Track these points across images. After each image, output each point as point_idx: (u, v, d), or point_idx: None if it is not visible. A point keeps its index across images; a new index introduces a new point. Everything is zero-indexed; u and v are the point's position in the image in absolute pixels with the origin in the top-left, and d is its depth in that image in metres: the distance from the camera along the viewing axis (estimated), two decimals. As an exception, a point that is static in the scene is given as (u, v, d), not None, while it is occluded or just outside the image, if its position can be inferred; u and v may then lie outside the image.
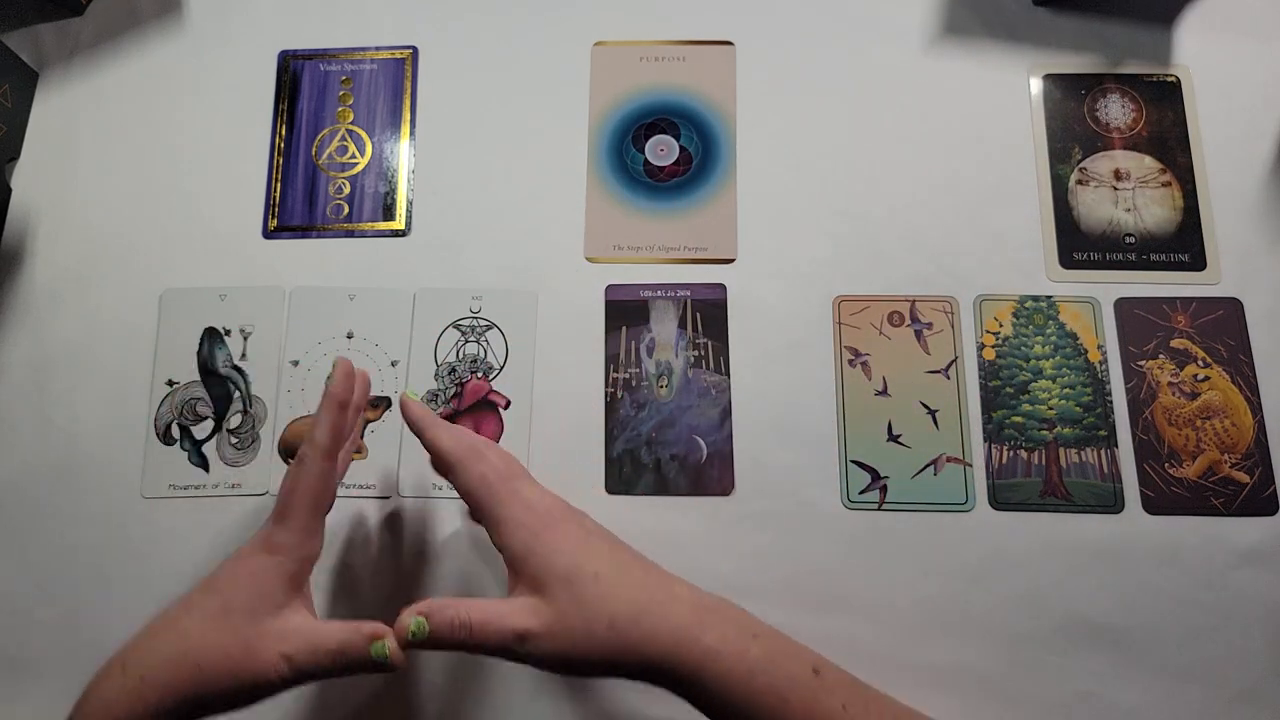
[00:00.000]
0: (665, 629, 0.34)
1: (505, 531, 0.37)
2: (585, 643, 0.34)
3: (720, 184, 0.54)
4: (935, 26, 0.57)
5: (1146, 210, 0.53)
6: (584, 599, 0.35)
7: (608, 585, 0.35)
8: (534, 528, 0.37)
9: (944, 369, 0.50)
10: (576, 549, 0.36)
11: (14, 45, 0.56)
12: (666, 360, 0.51)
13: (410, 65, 0.57)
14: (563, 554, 0.36)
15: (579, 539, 0.37)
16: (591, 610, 0.34)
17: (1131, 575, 0.47)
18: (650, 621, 0.34)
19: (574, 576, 0.35)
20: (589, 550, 0.37)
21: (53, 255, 0.54)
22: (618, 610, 0.34)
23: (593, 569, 0.35)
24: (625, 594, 0.35)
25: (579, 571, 0.35)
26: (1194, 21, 0.56)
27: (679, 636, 0.34)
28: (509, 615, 0.35)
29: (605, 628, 0.34)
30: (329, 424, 0.39)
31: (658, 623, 0.34)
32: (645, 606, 0.35)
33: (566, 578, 0.35)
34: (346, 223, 0.55)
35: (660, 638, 0.34)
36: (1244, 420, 0.49)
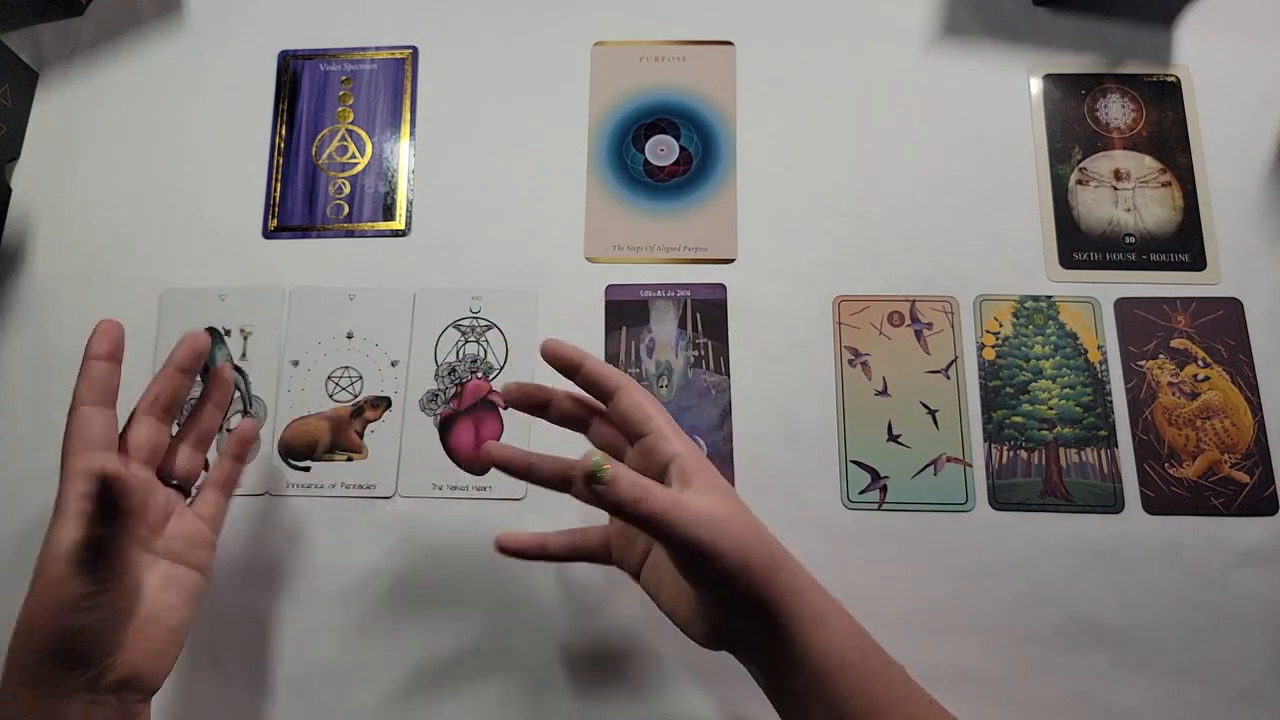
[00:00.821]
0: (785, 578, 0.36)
1: (679, 441, 0.38)
2: (758, 546, 0.36)
3: (720, 184, 0.54)
4: (935, 26, 0.57)
5: (1146, 210, 0.53)
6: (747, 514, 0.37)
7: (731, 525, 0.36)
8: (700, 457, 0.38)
9: (944, 369, 0.50)
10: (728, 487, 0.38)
11: (14, 45, 0.56)
12: (666, 360, 0.51)
13: (410, 65, 0.57)
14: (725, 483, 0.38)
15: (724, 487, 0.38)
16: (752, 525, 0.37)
17: (1131, 575, 0.47)
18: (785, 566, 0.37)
19: (736, 496, 0.38)
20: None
21: (53, 255, 0.54)
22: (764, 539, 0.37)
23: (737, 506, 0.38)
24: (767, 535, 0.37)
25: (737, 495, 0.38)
26: (1194, 21, 0.56)
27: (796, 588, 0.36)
28: (687, 498, 0.36)
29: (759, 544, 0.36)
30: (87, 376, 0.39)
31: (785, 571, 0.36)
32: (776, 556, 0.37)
33: (733, 493, 0.38)
34: (346, 223, 0.55)
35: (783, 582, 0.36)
36: (1244, 420, 0.49)
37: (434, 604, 0.48)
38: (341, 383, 0.52)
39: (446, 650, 0.47)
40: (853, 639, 0.36)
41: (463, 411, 0.51)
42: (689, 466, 0.37)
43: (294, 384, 0.52)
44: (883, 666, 0.36)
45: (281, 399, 0.51)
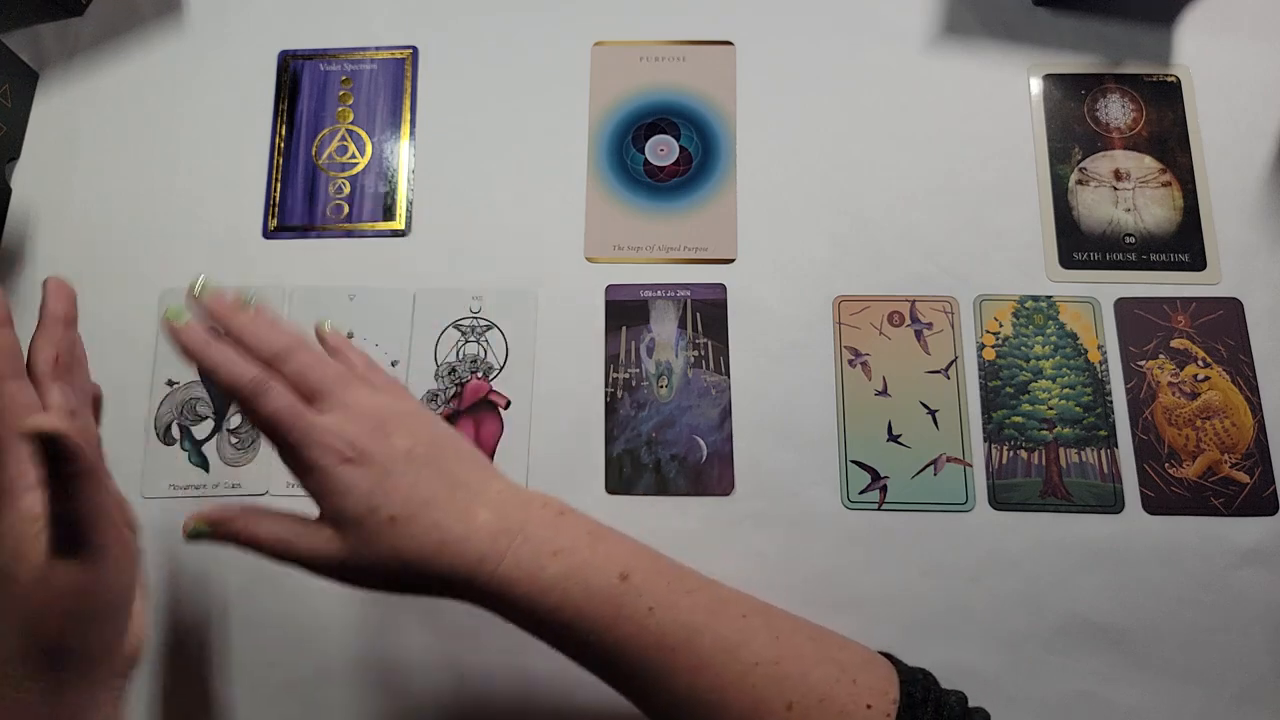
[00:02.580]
0: (460, 564, 0.34)
1: (296, 473, 0.35)
2: (386, 572, 0.35)
3: (720, 184, 0.54)
4: (935, 26, 0.57)
5: (1146, 210, 0.53)
6: (376, 542, 0.34)
7: (402, 527, 0.34)
8: (326, 467, 0.34)
9: (944, 369, 0.50)
10: (372, 490, 0.34)
11: (14, 45, 0.56)
12: (666, 360, 0.51)
13: (410, 65, 0.57)
14: (355, 497, 0.34)
15: (378, 476, 0.35)
16: (384, 552, 0.34)
17: (1131, 575, 0.47)
18: (446, 559, 0.34)
19: (366, 520, 0.34)
20: (387, 488, 0.35)
21: (53, 255, 0.54)
22: (411, 551, 0.34)
23: (387, 512, 0.34)
24: (421, 535, 0.34)
25: (372, 516, 0.34)
26: (1194, 21, 0.56)
27: (474, 570, 0.34)
28: (301, 539, 0.35)
29: (398, 567, 0.34)
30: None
31: (453, 559, 0.34)
32: (441, 545, 0.34)
33: (358, 521, 0.34)
34: (346, 223, 0.55)
35: (455, 571, 0.34)
36: (1244, 420, 0.49)
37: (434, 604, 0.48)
38: (341, 383, 0.52)
39: (447, 650, 0.47)
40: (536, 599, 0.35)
41: (463, 411, 0.51)
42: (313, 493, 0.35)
43: (294, 384, 0.52)
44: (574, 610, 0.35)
45: (281, 399, 0.51)
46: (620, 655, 0.35)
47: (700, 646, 0.34)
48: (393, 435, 0.36)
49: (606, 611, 0.35)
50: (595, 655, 0.35)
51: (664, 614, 0.35)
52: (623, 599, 0.35)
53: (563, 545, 0.36)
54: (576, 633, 0.35)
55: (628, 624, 0.34)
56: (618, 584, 0.35)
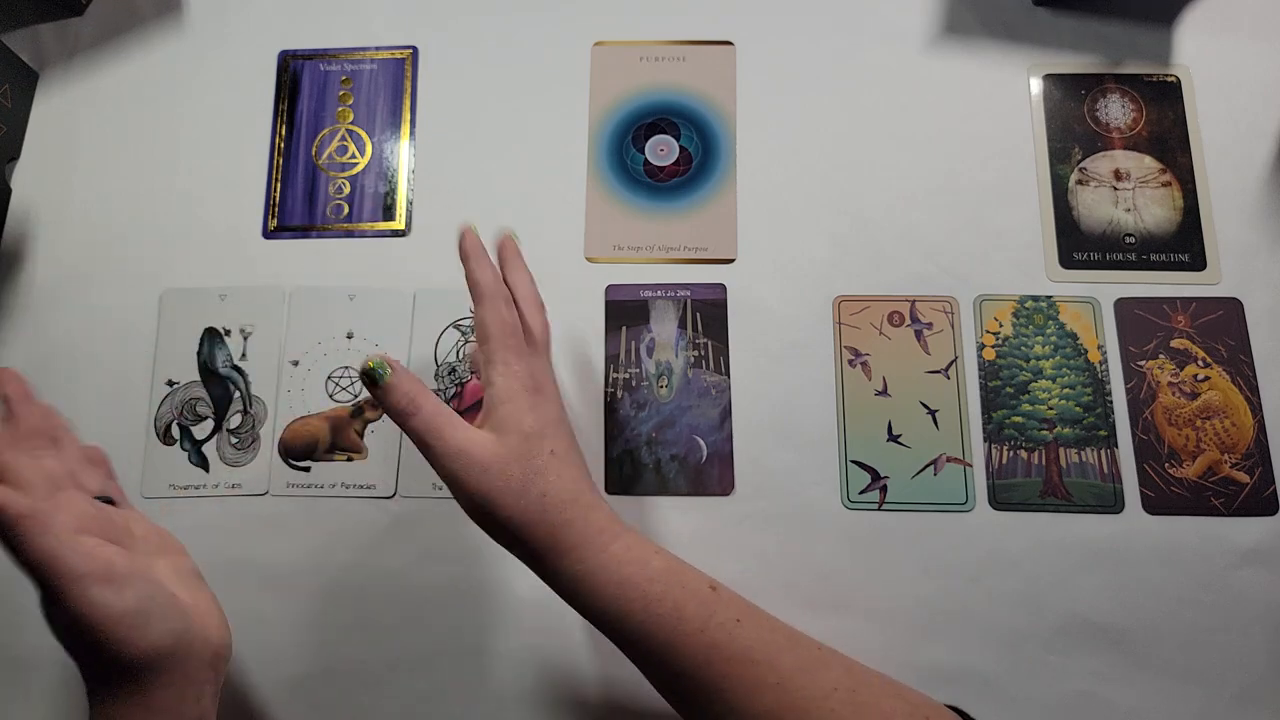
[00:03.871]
0: (583, 525, 0.37)
1: (497, 371, 0.38)
2: (513, 498, 0.36)
3: (720, 184, 0.54)
4: (935, 26, 0.57)
5: (1146, 210, 0.53)
6: (533, 461, 0.37)
7: (558, 462, 0.37)
8: (524, 381, 0.38)
9: (944, 369, 0.50)
10: (547, 421, 0.38)
11: (14, 45, 0.56)
12: (666, 360, 0.51)
13: (410, 65, 0.57)
14: (536, 417, 0.37)
15: (554, 417, 0.39)
16: (535, 472, 0.36)
17: (1131, 575, 0.47)
18: (576, 511, 0.37)
19: (534, 439, 0.37)
20: (558, 428, 0.38)
21: (53, 255, 0.54)
22: (555, 488, 0.37)
23: (552, 444, 0.37)
24: (569, 478, 0.37)
25: (541, 439, 0.37)
26: (1194, 21, 0.56)
27: (593, 536, 0.37)
28: (461, 428, 0.37)
29: (537, 495, 0.36)
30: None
31: (580, 515, 0.37)
32: (577, 498, 0.37)
33: (528, 436, 0.37)
34: (346, 223, 0.55)
35: (575, 530, 0.36)
36: (1244, 420, 0.49)
37: (434, 604, 0.48)
38: (341, 383, 0.52)
39: (446, 650, 0.47)
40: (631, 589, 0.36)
41: (463, 411, 0.51)
42: (495, 398, 0.38)
43: (294, 384, 0.52)
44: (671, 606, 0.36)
45: (281, 399, 0.51)
46: (707, 663, 0.35)
47: (782, 665, 0.35)
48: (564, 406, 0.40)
49: (700, 614, 0.36)
50: (682, 662, 0.35)
51: (750, 628, 0.36)
52: (715, 606, 0.36)
53: (662, 549, 0.38)
54: (670, 630, 0.35)
55: (718, 631, 0.35)
56: (709, 592, 0.37)
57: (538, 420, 0.37)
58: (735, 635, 0.35)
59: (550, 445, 0.37)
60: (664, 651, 0.35)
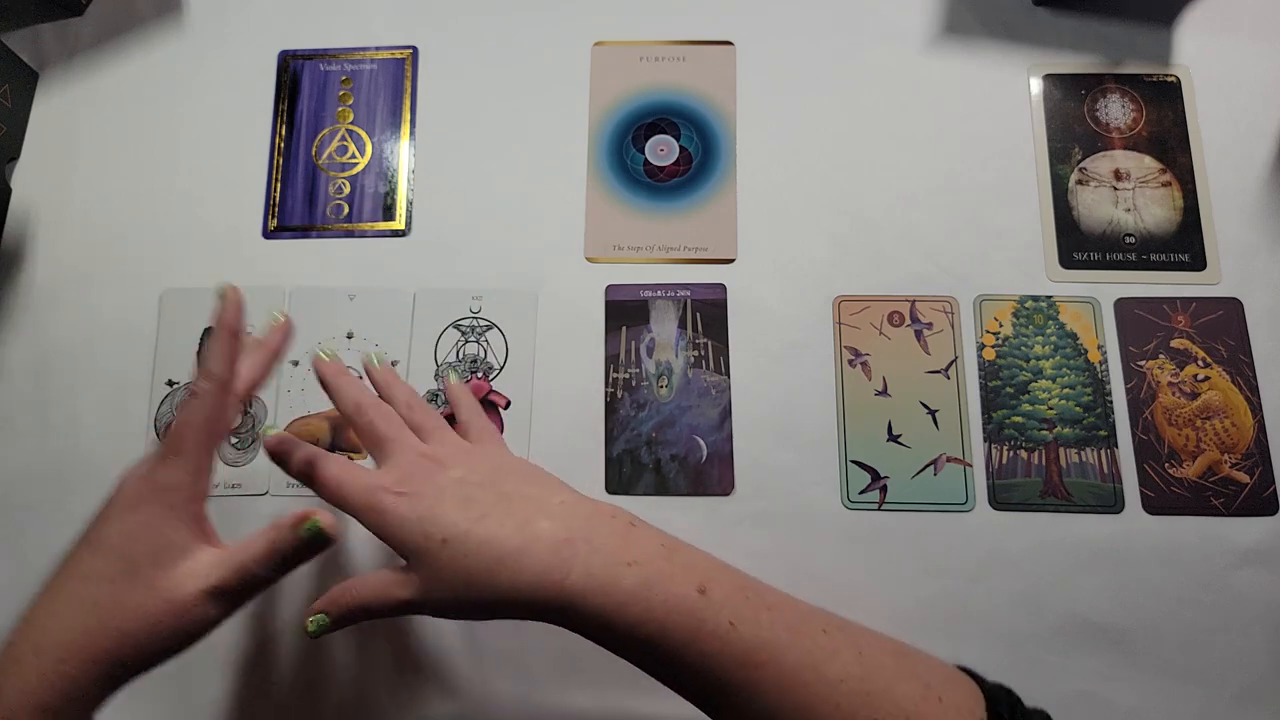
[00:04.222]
0: (524, 579, 0.34)
1: (361, 522, 0.37)
2: (458, 598, 0.35)
3: (720, 184, 0.54)
4: (935, 26, 0.57)
5: (1146, 210, 0.53)
6: (438, 566, 0.35)
7: (456, 546, 0.35)
8: (380, 506, 0.36)
9: (944, 369, 0.50)
10: (423, 517, 0.35)
11: (14, 45, 0.56)
12: (666, 360, 0.51)
13: (410, 65, 0.57)
14: (408, 527, 0.35)
15: (427, 504, 0.36)
16: (447, 575, 0.35)
17: (1131, 575, 0.47)
18: (507, 574, 0.34)
19: (422, 547, 0.35)
20: (436, 513, 0.36)
21: (53, 255, 0.54)
22: (471, 568, 0.34)
23: (439, 535, 0.35)
24: (475, 551, 0.35)
25: (427, 541, 0.35)
26: (1194, 21, 0.56)
27: (539, 582, 0.34)
28: (392, 587, 0.36)
29: (464, 586, 0.35)
30: (223, 353, 0.38)
31: (515, 574, 0.34)
32: (499, 558, 0.34)
33: (416, 550, 0.35)
34: (346, 223, 0.55)
35: (520, 587, 0.34)
36: (1244, 420, 0.49)
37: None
38: (341, 383, 0.52)
39: (447, 650, 0.47)
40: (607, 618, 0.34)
41: (463, 411, 0.51)
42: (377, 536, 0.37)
43: (294, 384, 0.52)
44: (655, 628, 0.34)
45: (281, 399, 0.51)
46: (704, 672, 0.34)
47: (784, 663, 0.34)
48: (448, 468, 0.38)
49: (688, 625, 0.34)
50: (679, 672, 0.34)
51: (746, 629, 0.34)
52: (703, 613, 0.34)
53: (637, 556, 0.35)
54: (660, 649, 0.34)
55: (710, 639, 0.34)
56: (697, 598, 0.34)
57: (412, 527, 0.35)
58: (730, 641, 0.34)
59: (439, 536, 0.35)
60: (659, 668, 0.35)
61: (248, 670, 0.47)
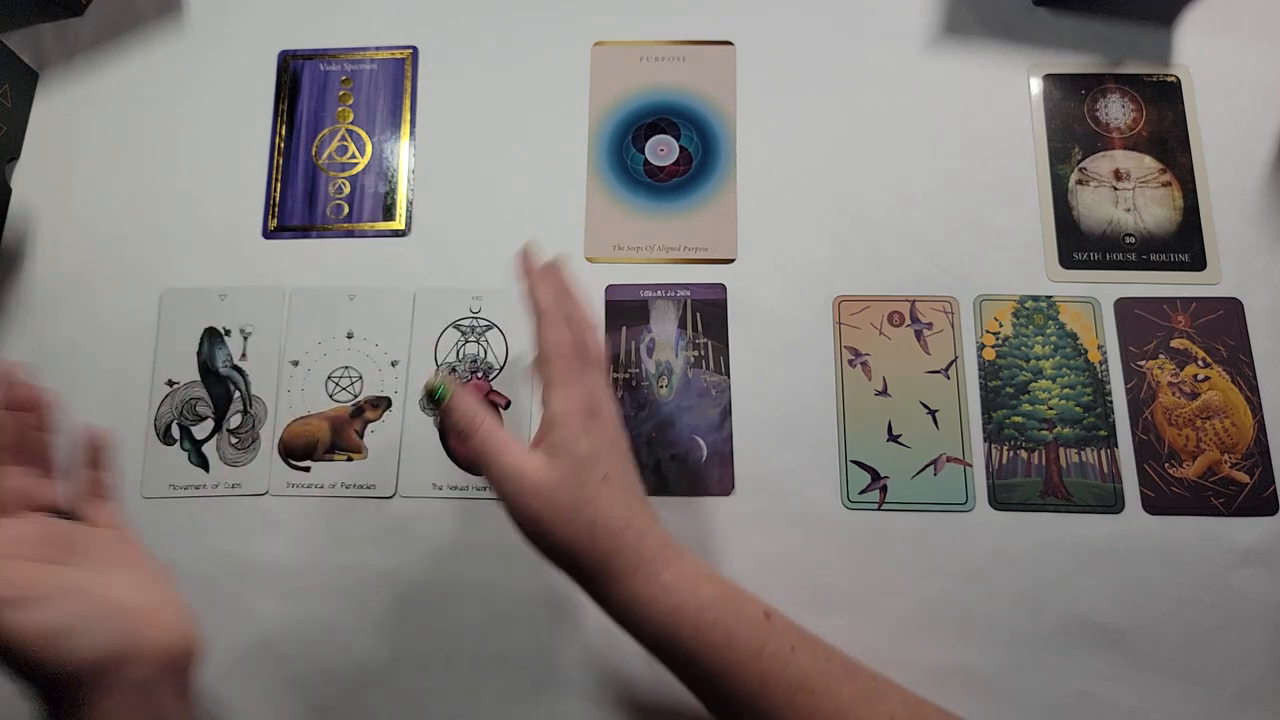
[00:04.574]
0: (634, 552, 0.36)
1: (555, 394, 0.38)
2: (564, 522, 0.36)
3: (720, 184, 0.54)
4: (935, 26, 0.57)
5: (1146, 210, 0.53)
6: (585, 486, 0.36)
7: (610, 488, 0.37)
8: (581, 404, 0.38)
9: (944, 369, 0.50)
10: (602, 446, 0.38)
11: (14, 45, 0.56)
12: (666, 360, 0.51)
13: (410, 65, 0.57)
14: (590, 441, 0.37)
15: (608, 441, 0.38)
16: (586, 499, 0.36)
17: (1131, 575, 0.47)
18: (627, 538, 0.36)
19: (587, 464, 0.37)
20: (612, 453, 0.38)
21: (53, 255, 0.54)
22: (605, 514, 0.36)
23: (605, 469, 0.37)
24: (619, 504, 0.37)
25: (594, 464, 0.37)
26: (1194, 21, 0.56)
27: (643, 563, 0.36)
28: (516, 450, 0.37)
29: (587, 522, 0.36)
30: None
31: (632, 543, 0.36)
32: (628, 523, 0.37)
33: (581, 461, 0.37)
34: (346, 223, 0.55)
35: (626, 557, 0.36)
36: (1244, 420, 0.49)
37: (434, 604, 0.48)
38: (341, 383, 0.52)
39: (446, 650, 0.47)
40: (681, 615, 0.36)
41: (463, 411, 0.51)
42: (552, 421, 0.38)
43: (294, 384, 0.52)
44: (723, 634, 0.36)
45: (281, 399, 0.51)
46: (762, 693, 0.35)
47: (839, 695, 0.35)
48: (622, 433, 0.40)
49: (754, 642, 0.35)
50: (732, 688, 0.35)
51: (805, 656, 0.36)
52: (769, 634, 0.36)
53: (715, 575, 0.38)
54: (723, 659, 0.35)
55: (773, 659, 0.35)
56: (764, 620, 0.37)
57: (592, 445, 0.37)
58: (790, 664, 0.35)
59: (604, 470, 0.37)
60: (716, 678, 0.35)
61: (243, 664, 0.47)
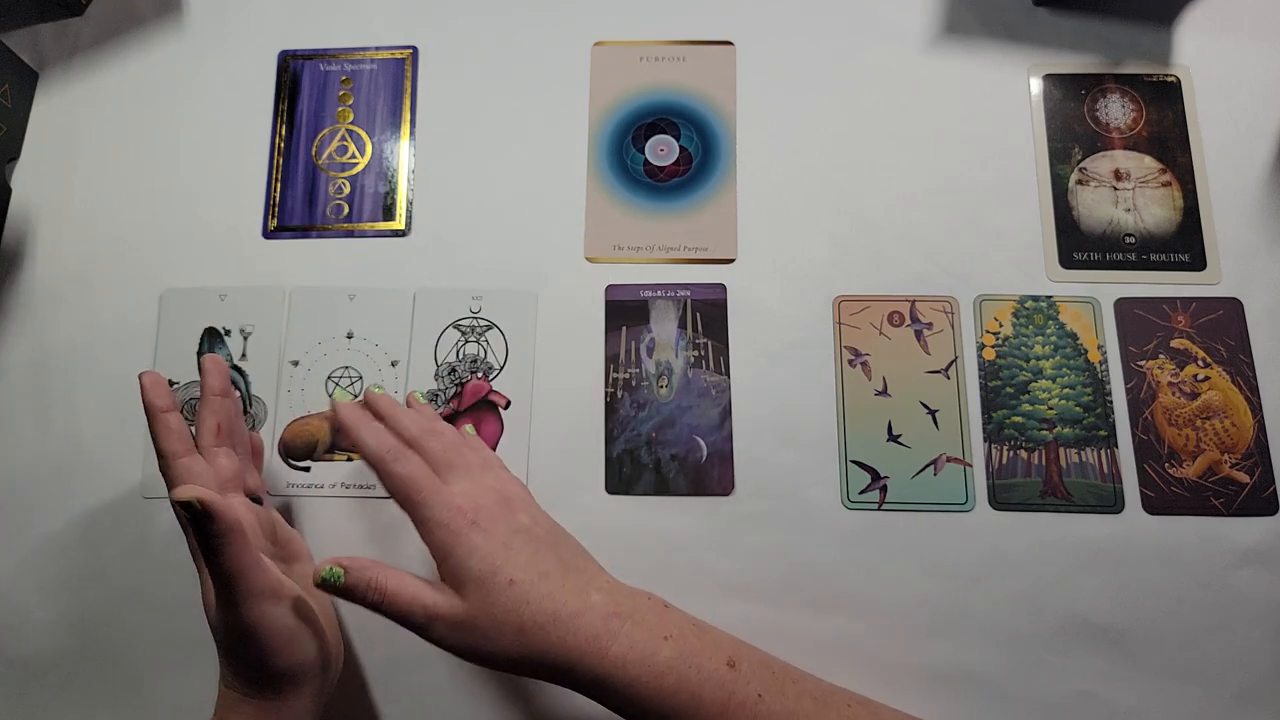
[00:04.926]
0: (573, 640, 0.35)
1: (426, 531, 0.38)
2: (493, 642, 0.36)
3: (720, 184, 0.54)
4: (935, 26, 0.57)
5: (1146, 210, 0.53)
6: (495, 604, 0.36)
7: (520, 591, 0.36)
8: (455, 528, 0.37)
9: (944, 369, 0.50)
10: (495, 552, 0.37)
11: (14, 45, 0.56)
12: (666, 360, 0.51)
13: (410, 65, 0.57)
14: (479, 557, 0.36)
15: (501, 541, 0.37)
16: (501, 615, 0.35)
17: (1131, 575, 0.47)
18: (559, 632, 0.35)
19: (487, 580, 0.36)
20: (509, 554, 0.37)
21: (53, 255, 0.54)
22: (527, 617, 0.35)
23: (508, 574, 0.36)
24: (537, 602, 0.36)
25: (494, 576, 0.36)
26: (1194, 21, 0.56)
27: (586, 648, 0.35)
28: (425, 594, 0.36)
29: (513, 632, 0.35)
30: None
31: (565, 634, 0.35)
32: (555, 616, 0.36)
33: (479, 581, 0.36)
34: (346, 223, 0.55)
35: (567, 648, 0.35)
36: (1244, 420, 0.49)
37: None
38: (341, 383, 0.52)
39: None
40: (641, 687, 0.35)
41: (463, 411, 0.51)
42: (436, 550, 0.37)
43: (294, 384, 0.52)
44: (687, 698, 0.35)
45: (281, 399, 0.51)
46: None
47: None
48: (516, 512, 0.39)
49: (719, 697, 0.35)
50: None
51: (773, 701, 0.36)
52: (734, 685, 0.36)
53: (672, 632, 0.37)
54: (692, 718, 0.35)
55: (740, 710, 0.35)
56: (727, 671, 0.36)
57: (483, 559, 0.36)
58: (759, 712, 0.35)
59: (507, 575, 0.36)
60: None
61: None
